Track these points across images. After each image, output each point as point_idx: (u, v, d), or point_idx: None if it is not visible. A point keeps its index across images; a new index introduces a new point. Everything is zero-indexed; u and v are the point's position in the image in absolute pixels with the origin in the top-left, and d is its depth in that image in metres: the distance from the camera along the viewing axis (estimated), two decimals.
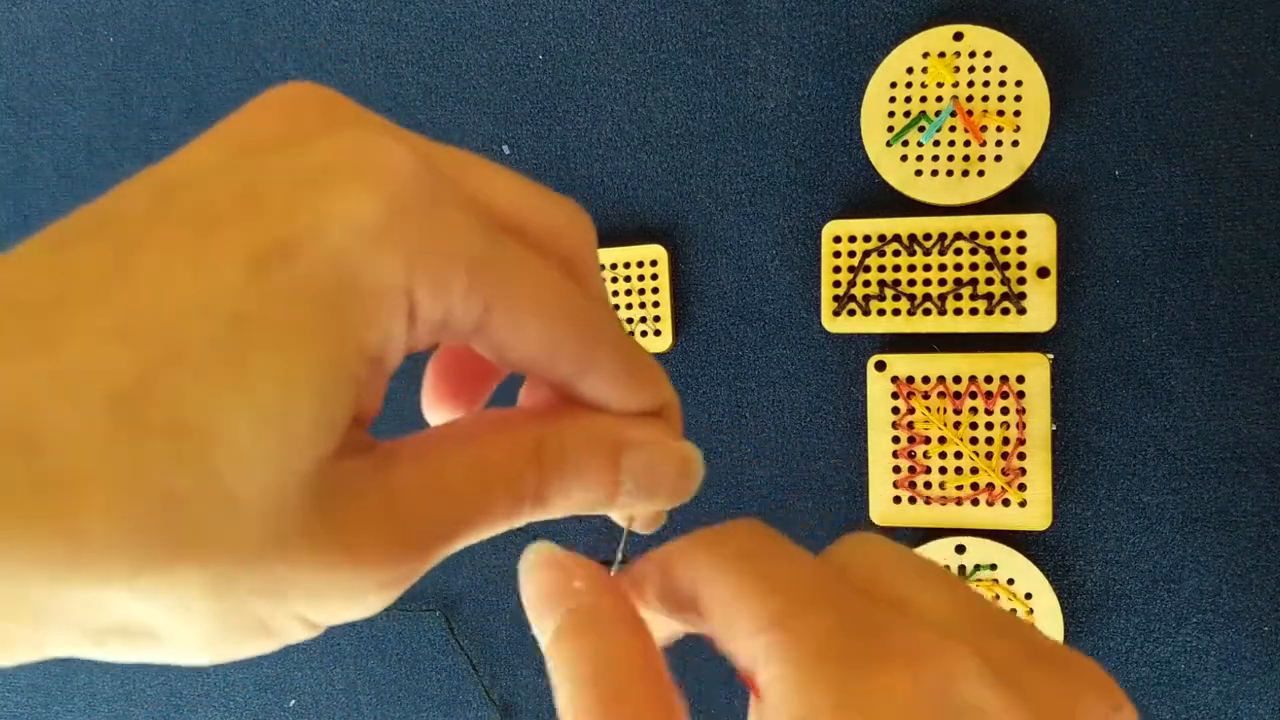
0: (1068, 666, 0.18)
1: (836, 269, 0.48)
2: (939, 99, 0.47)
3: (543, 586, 0.21)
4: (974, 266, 0.47)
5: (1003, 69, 0.46)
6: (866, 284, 0.48)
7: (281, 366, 0.16)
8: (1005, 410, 0.47)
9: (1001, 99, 0.46)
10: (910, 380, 0.48)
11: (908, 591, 0.19)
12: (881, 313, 0.48)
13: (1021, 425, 0.46)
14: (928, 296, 0.47)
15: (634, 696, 0.18)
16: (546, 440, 0.20)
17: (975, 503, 0.47)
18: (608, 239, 0.52)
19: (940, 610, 0.19)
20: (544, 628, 0.20)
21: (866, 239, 0.48)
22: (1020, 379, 0.46)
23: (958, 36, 0.46)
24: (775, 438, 0.51)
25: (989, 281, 0.46)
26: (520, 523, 0.20)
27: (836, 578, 0.19)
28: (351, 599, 0.18)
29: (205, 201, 0.17)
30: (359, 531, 0.17)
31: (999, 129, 0.46)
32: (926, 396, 0.47)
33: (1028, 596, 0.47)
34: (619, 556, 0.23)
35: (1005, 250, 0.46)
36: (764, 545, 0.20)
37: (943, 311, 0.47)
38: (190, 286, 0.16)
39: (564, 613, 0.20)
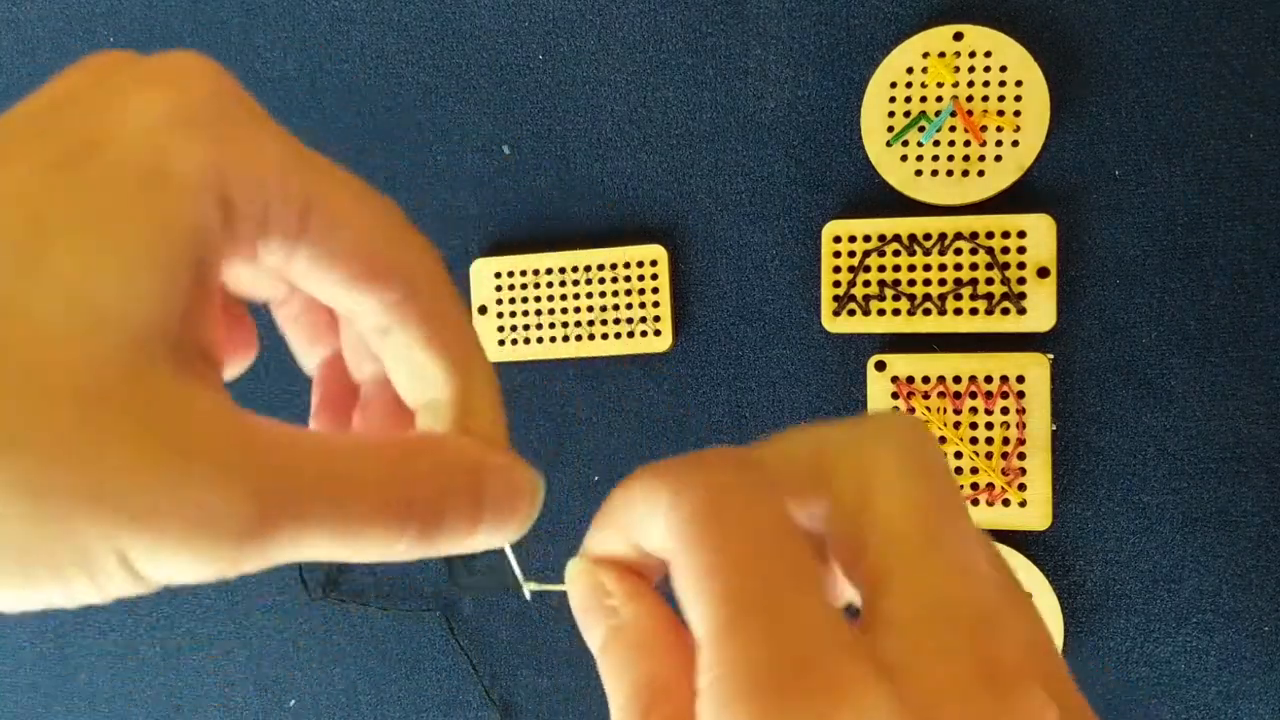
0: (1011, 694, 0.16)
1: (836, 269, 0.48)
2: (939, 99, 0.47)
3: (581, 603, 0.21)
4: (974, 266, 0.47)
5: (1003, 69, 0.46)
6: (866, 284, 0.48)
7: (85, 244, 0.16)
8: (1005, 410, 0.47)
9: (1001, 99, 0.46)
10: (910, 380, 0.48)
11: (889, 559, 0.17)
12: (881, 313, 0.48)
13: (1021, 425, 0.46)
14: (928, 296, 0.47)
15: (657, 716, 0.18)
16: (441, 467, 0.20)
17: (975, 503, 0.47)
18: (608, 239, 0.52)
19: (911, 604, 0.16)
20: (590, 643, 0.20)
21: (866, 239, 0.48)
22: (1020, 379, 0.46)
23: (958, 36, 0.46)
24: None
25: (989, 281, 0.46)
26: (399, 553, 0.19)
27: (796, 567, 0.16)
28: (184, 542, 0.15)
29: (13, 127, 0.17)
30: (201, 448, 0.16)
31: (999, 129, 0.46)
32: (926, 396, 0.47)
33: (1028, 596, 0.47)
34: (520, 579, 0.22)
35: (1005, 250, 0.46)
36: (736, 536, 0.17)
37: (943, 311, 0.47)
38: None
39: (604, 629, 0.20)
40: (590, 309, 0.52)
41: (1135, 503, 0.47)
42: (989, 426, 0.47)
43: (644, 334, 0.51)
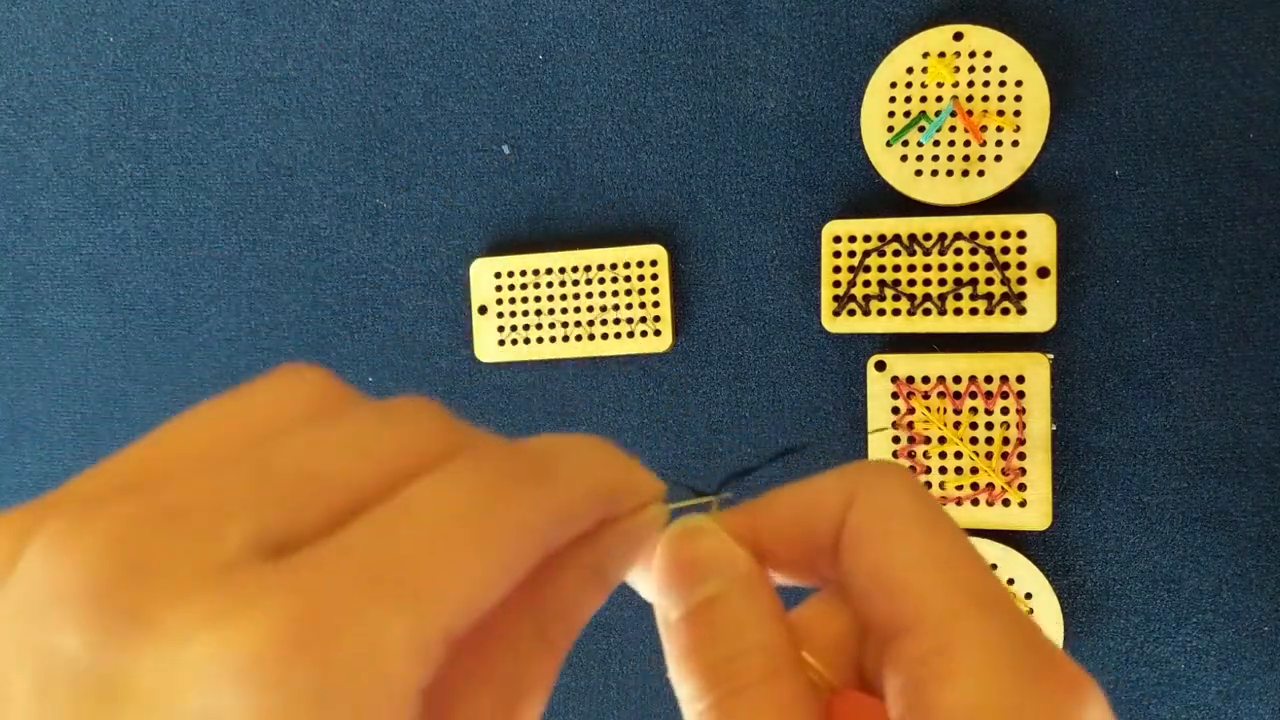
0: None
1: (836, 269, 0.48)
2: (939, 99, 0.47)
3: (708, 549, 0.20)
4: (974, 266, 0.47)
5: (1003, 69, 0.46)
6: (866, 284, 0.48)
7: None
8: (1005, 410, 0.47)
9: (1001, 99, 0.46)
10: (910, 380, 0.48)
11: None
12: (881, 313, 0.48)
13: (1021, 425, 0.46)
14: (928, 296, 0.47)
15: (772, 685, 0.18)
16: (551, 627, 0.18)
17: (975, 503, 0.47)
18: (608, 239, 0.52)
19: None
20: (686, 600, 0.19)
21: (866, 239, 0.48)
22: (1020, 379, 0.46)
23: (958, 36, 0.46)
24: (775, 438, 0.51)
25: (989, 281, 0.46)
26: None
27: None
28: None
29: None
30: None
31: (999, 129, 0.46)
32: (926, 396, 0.47)
33: (1028, 596, 0.47)
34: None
35: (1005, 250, 0.46)
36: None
37: (943, 311, 0.47)
38: None
39: (718, 582, 0.19)
40: (590, 309, 0.52)
41: (1135, 503, 0.47)
42: (989, 426, 0.47)
43: (644, 334, 0.51)
